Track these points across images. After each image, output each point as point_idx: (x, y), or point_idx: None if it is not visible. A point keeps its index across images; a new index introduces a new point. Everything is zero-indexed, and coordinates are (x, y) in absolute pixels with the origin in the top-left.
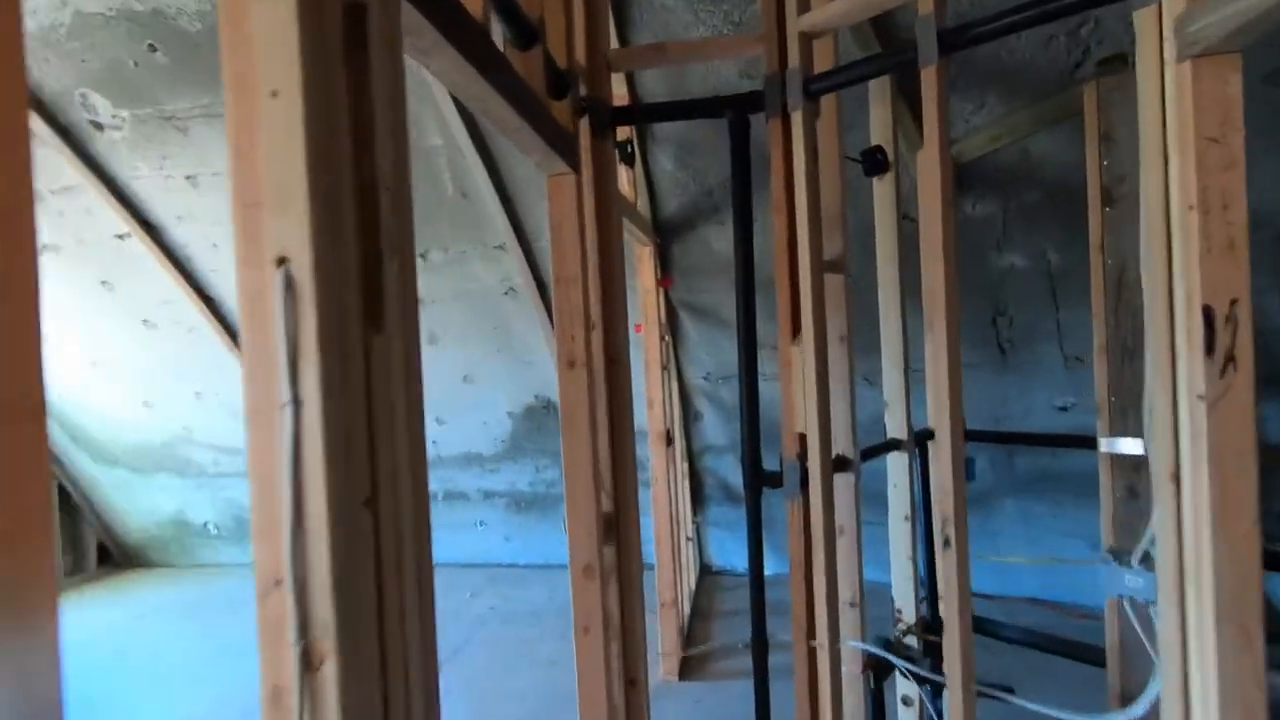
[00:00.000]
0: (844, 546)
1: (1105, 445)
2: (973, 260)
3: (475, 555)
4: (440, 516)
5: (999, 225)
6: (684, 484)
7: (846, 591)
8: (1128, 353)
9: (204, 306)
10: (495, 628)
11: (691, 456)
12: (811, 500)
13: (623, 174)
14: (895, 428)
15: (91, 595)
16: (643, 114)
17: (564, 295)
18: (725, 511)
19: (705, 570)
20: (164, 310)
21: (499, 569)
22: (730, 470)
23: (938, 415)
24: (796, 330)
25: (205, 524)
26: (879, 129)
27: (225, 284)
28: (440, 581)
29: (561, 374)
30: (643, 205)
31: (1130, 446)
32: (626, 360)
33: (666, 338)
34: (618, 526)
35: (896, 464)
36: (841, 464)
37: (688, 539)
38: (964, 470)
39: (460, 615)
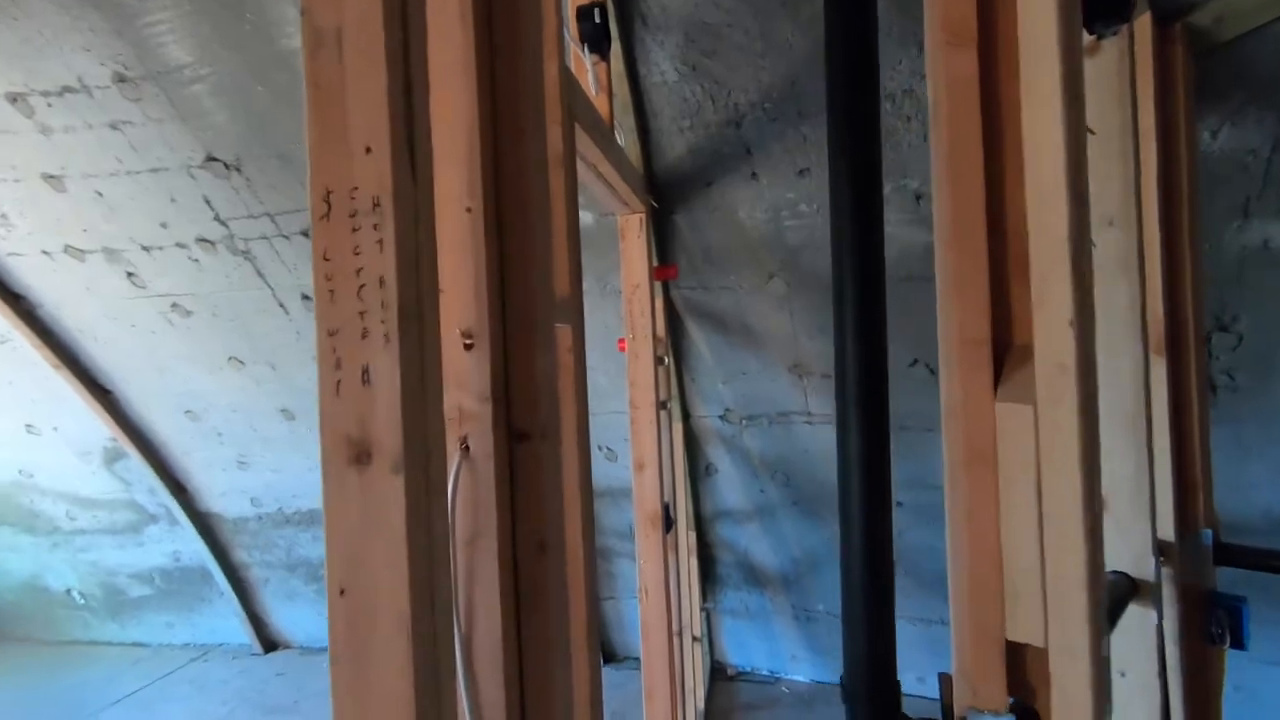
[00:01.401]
0: None
1: None
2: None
3: None
4: None
5: (1259, 171)
6: (690, 560)
7: None
8: None
9: (10, 309)
10: None
11: (700, 525)
12: None
13: (588, 71)
14: (1127, 552)
15: None
16: None
17: (330, 243)
18: (744, 596)
19: (716, 672)
20: None
21: None
22: (753, 543)
23: None
24: (1001, 356)
25: (69, 591)
26: None
27: (36, 275)
28: None
29: (328, 490)
30: (629, 147)
31: None
32: (567, 433)
33: (666, 359)
34: None
35: (1133, 629)
36: None
37: (694, 639)
38: None
39: None
